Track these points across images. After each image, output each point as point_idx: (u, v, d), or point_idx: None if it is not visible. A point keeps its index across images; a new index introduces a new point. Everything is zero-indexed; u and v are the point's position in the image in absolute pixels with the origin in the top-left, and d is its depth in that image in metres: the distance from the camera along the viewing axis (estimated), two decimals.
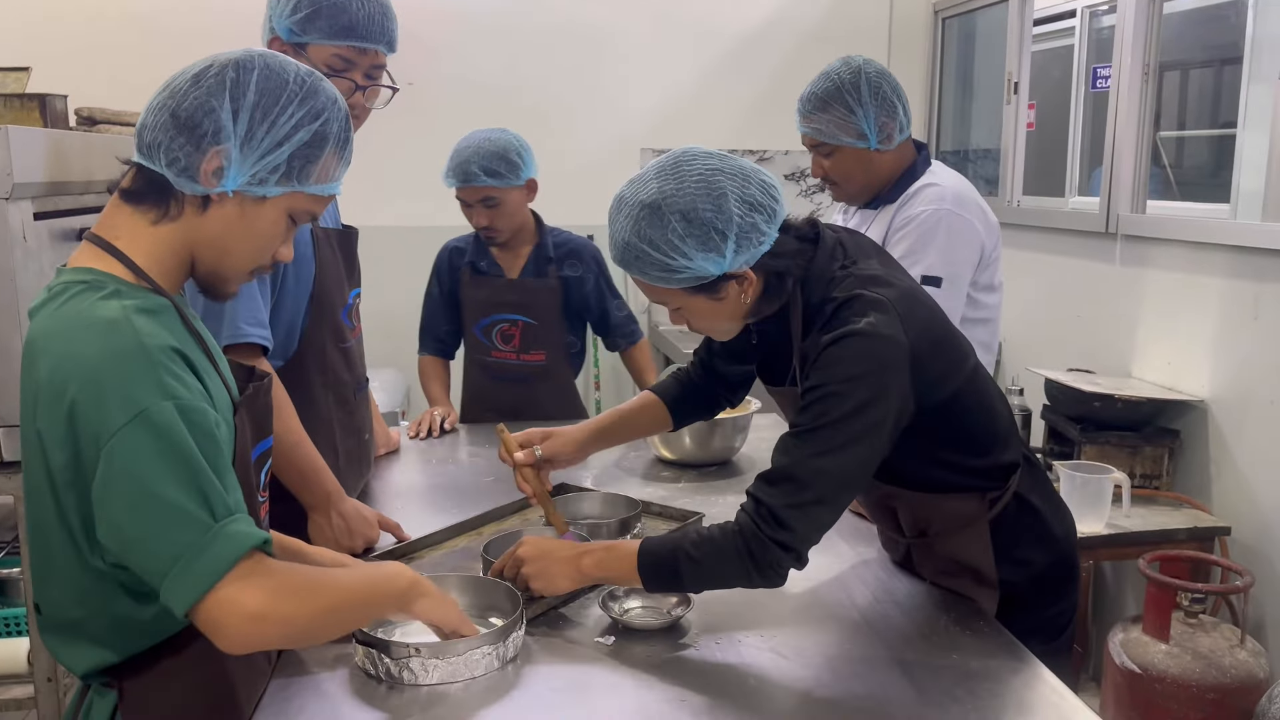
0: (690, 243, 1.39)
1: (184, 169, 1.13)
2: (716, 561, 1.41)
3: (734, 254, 1.41)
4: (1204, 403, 2.88)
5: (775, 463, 1.42)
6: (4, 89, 2.54)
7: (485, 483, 2.21)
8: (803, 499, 1.38)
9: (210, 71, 1.14)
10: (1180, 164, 3.97)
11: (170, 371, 1.08)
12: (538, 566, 1.51)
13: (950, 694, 1.33)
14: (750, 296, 1.47)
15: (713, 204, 1.39)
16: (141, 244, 1.16)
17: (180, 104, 1.13)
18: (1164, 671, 2.42)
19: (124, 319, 1.09)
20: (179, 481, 1.05)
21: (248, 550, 1.08)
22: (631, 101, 4.36)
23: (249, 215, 1.17)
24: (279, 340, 1.77)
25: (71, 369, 1.06)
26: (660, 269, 1.42)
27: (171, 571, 1.05)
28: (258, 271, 1.24)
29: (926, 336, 1.45)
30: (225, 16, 3.87)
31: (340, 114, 1.20)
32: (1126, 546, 2.72)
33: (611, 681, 1.37)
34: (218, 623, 1.07)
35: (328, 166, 1.20)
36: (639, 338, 2.89)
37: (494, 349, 2.73)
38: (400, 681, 1.33)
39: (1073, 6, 3.97)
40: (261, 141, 1.14)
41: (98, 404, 1.05)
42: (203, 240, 1.18)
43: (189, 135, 1.12)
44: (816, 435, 1.39)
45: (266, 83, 1.14)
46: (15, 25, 3.76)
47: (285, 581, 1.11)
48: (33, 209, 1.83)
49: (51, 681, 1.83)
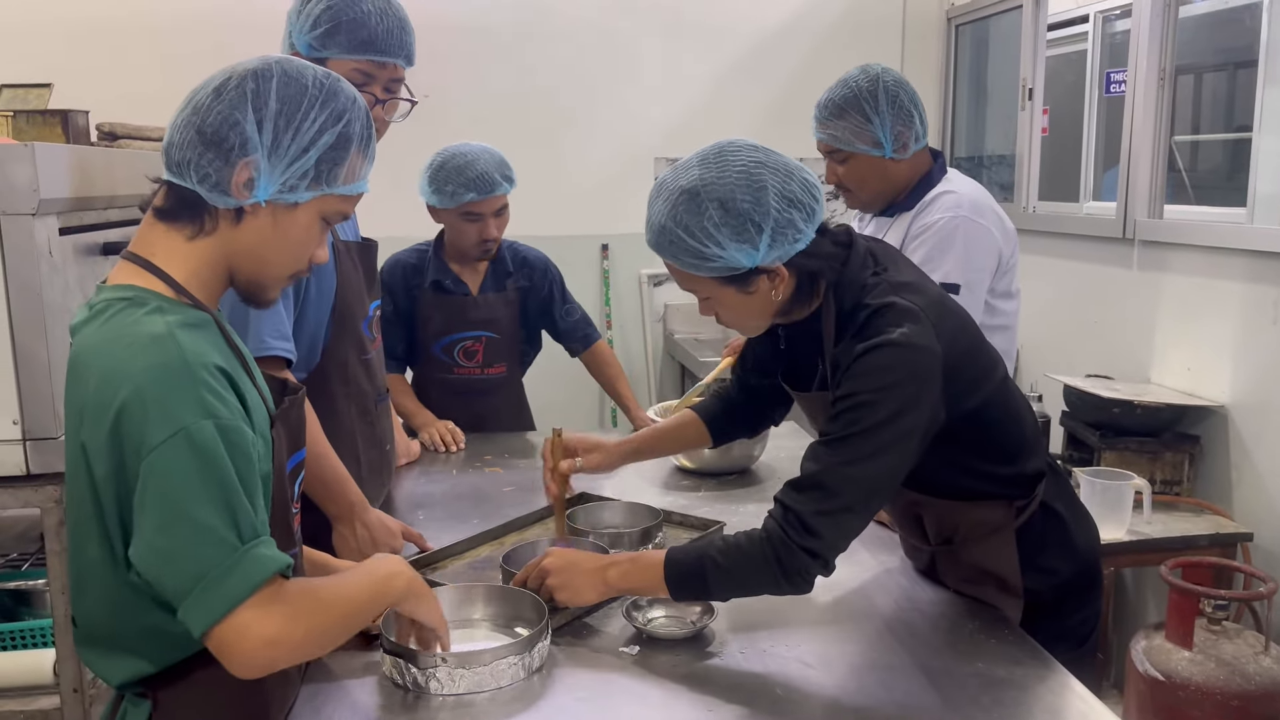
0: (725, 232, 1.39)
1: (215, 184, 1.14)
2: (744, 569, 1.41)
3: (768, 248, 1.41)
4: (1224, 408, 2.87)
5: (805, 470, 1.42)
6: (26, 105, 2.56)
7: (505, 492, 2.21)
8: (832, 506, 1.38)
9: (230, 84, 1.15)
10: (1195, 168, 3.96)
11: (212, 389, 1.09)
12: (563, 579, 1.51)
13: (976, 702, 1.33)
14: (781, 294, 1.47)
15: (752, 195, 1.39)
16: (179, 260, 1.18)
17: (205, 120, 1.14)
18: (1187, 679, 2.41)
19: (168, 335, 1.10)
20: (212, 501, 1.06)
21: (271, 576, 1.09)
22: (644, 111, 4.37)
23: (283, 222, 1.18)
24: (302, 353, 1.79)
25: (118, 383, 1.08)
26: (693, 255, 1.42)
27: (194, 590, 1.06)
28: (295, 276, 1.26)
29: (958, 345, 1.46)
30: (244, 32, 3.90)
31: (361, 113, 1.21)
32: (1148, 553, 2.71)
33: (637, 691, 1.37)
34: (231, 646, 1.08)
35: (354, 166, 1.21)
36: (595, 339, 2.86)
37: (456, 366, 2.70)
38: (427, 691, 1.34)
39: (1085, 11, 3.96)
40: (288, 149, 1.15)
41: (141, 418, 1.06)
42: (240, 251, 1.19)
43: (217, 150, 1.13)
44: (847, 443, 1.39)
45: (286, 89, 1.15)
46: (36, 42, 3.80)
47: (300, 607, 1.13)
48: (58, 224, 1.84)
49: (77, 693, 1.84)
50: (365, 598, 1.25)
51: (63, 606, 1.81)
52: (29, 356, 1.76)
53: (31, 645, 1.98)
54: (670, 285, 4.45)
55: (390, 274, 2.69)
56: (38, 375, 1.77)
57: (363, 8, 1.74)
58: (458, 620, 1.51)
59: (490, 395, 2.76)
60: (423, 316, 2.68)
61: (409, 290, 2.68)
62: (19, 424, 1.77)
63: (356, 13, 1.74)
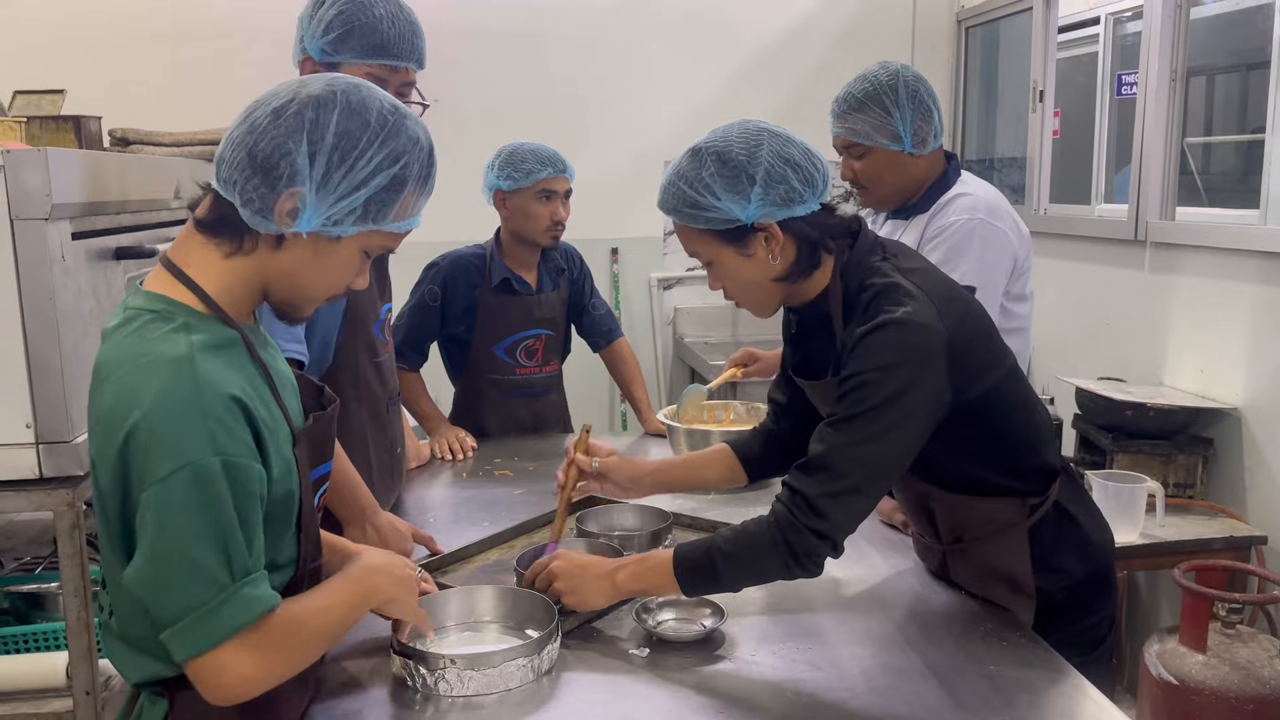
0: (720, 183, 1.45)
1: (259, 209, 1.12)
2: (753, 555, 1.42)
3: (760, 201, 1.44)
4: (1237, 410, 2.85)
5: (811, 451, 1.42)
6: (40, 111, 2.58)
7: (515, 496, 2.21)
8: (839, 487, 1.39)
9: (290, 108, 1.11)
10: (1207, 170, 3.94)
11: (222, 423, 1.08)
12: (570, 583, 1.51)
13: (989, 704, 1.33)
14: (779, 258, 1.49)
15: (746, 150, 1.45)
16: (213, 275, 1.16)
17: (258, 143, 1.11)
18: (1202, 683, 2.39)
19: (188, 359, 1.09)
20: (207, 538, 1.06)
21: (255, 619, 1.10)
22: (654, 114, 4.37)
23: (323, 253, 1.16)
24: (314, 355, 1.79)
25: (130, 404, 1.07)
26: (689, 205, 1.47)
27: (178, 623, 1.07)
28: (331, 299, 1.24)
29: (965, 328, 1.46)
30: (256, 37, 3.92)
31: (422, 154, 1.18)
32: (1161, 556, 2.69)
33: (647, 694, 1.37)
34: (206, 681, 1.10)
35: (406, 205, 1.18)
36: (618, 335, 2.88)
37: (519, 366, 2.70)
38: (436, 692, 1.34)
39: (1096, 13, 3.95)
40: (338, 186, 1.12)
41: (148, 446, 1.06)
42: (277, 274, 1.18)
43: (264, 176, 1.11)
44: (853, 424, 1.39)
45: (347, 123, 1.12)
46: (49, 48, 3.82)
47: (279, 643, 1.13)
48: (70, 229, 1.85)
49: (90, 695, 1.85)
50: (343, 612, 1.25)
51: (75, 609, 1.82)
52: (42, 361, 1.77)
53: (44, 648, 1.99)
54: (680, 288, 4.45)
55: (454, 268, 2.65)
56: (50, 379, 1.78)
57: (374, 12, 1.75)
58: (468, 622, 1.51)
59: (551, 393, 2.79)
60: (483, 319, 2.65)
61: (469, 289, 2.65)
62: (31, 427, 1.78)
63: (368, 18, 1.74)
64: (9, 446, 1.78)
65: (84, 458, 1.82)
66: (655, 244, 4.43)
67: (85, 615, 1.82)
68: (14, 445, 1.78)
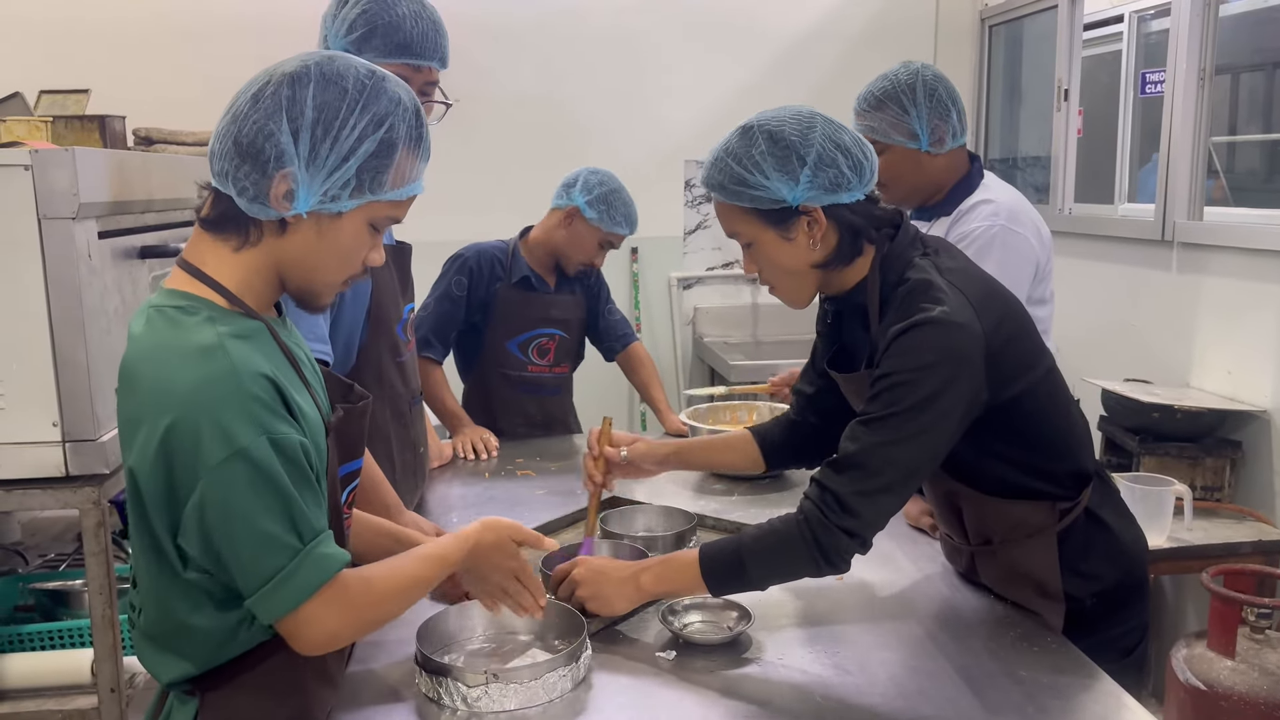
0: (770, 161, 1.44)
1: (254, 197, 1.12)
2: (782, 552, 1.42)
3: (808, 183, 1.44)
4: (1266, 413, 2.81)
5: (843, 450, 1.41)
6: (65, 111, 2.59)
7: (538, 495, 2.21)
8: (870, 486, 1.38)
9: (267, 90, 1.11)
10: (1233, 169, 3.90)
11: (262, 402, 1.09)
12: (592, 589, 1.50)
13: (1020, 711, 1.31)
14: (820, 246, 1.48)
15: (799, 131, 1.45)
16: (228, 270, 1.16)
17: (241, 129, 1.11)
18: (1230, 688, 2.36)
19: (219, 346, 1.10)
20: (272, 512, 1.09)
21: (332, 575, 1.14)
22: (673, 114, 4.36)
23: (328, 232, 1.15)
24: (338, 355, 1.79)
25: (167, 395, 1.08)
26: (737, 182, 1.46)
27: (262, 590, 1.11)
28: (350, 281, 1.23)
29: (1003, 329, 1.45)
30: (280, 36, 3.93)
31: (407, 114, 1.15)
32: (1189, 560, 2.66)
33: (674, 698, 1.36)
34: (297, 635, 1.15)
35: (402, 170, 1.16)
36: (633, 340, 2.89)
37: (530, 364, 2.72)
38: (477, 709, 1.31)
39: (1120, 11, 3.91)
40: (327, 159, 1.11)
41: (194, 435, 1.06)
42: (287, 261, 1.17)
43: (253, 162, 1.10)
44: (887, 423, 1.38)
45: (324, 95, 1.11)
46: (75, 48, 3.84)
47: (360, 601, 1.18)
48: (97, 228, 1.86)
49: (115, 692, 1.85)
50: (422, 581, 1.29)
51: (100, 607, 1.83)
52: (69, 359, 1.78)
53: (69, 645, 2.00)
54: (700, 288, 4.44)
55: (479, 259, 2.68)
56: (77, 377, 1.78)
57: (398, 11, 1.75)
58: (489, 635, 1.50)
59: (560, 394, 2.81)
60: (500, 312, 2.68)
61: (491, 281, 2.67)
62: (59, 426, 1.79)
63: (392, 16, 1.74)
64: (36, 444, 1.79)
65: (110, 456, 1.83)
66: (675, 243, 4.41)
67: (110, 612, 1.83)
68: (41, 443, 1.79)
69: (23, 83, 2.57)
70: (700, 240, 4.43)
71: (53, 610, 2.11)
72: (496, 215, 2.79)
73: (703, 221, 4.41)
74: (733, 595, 1.54)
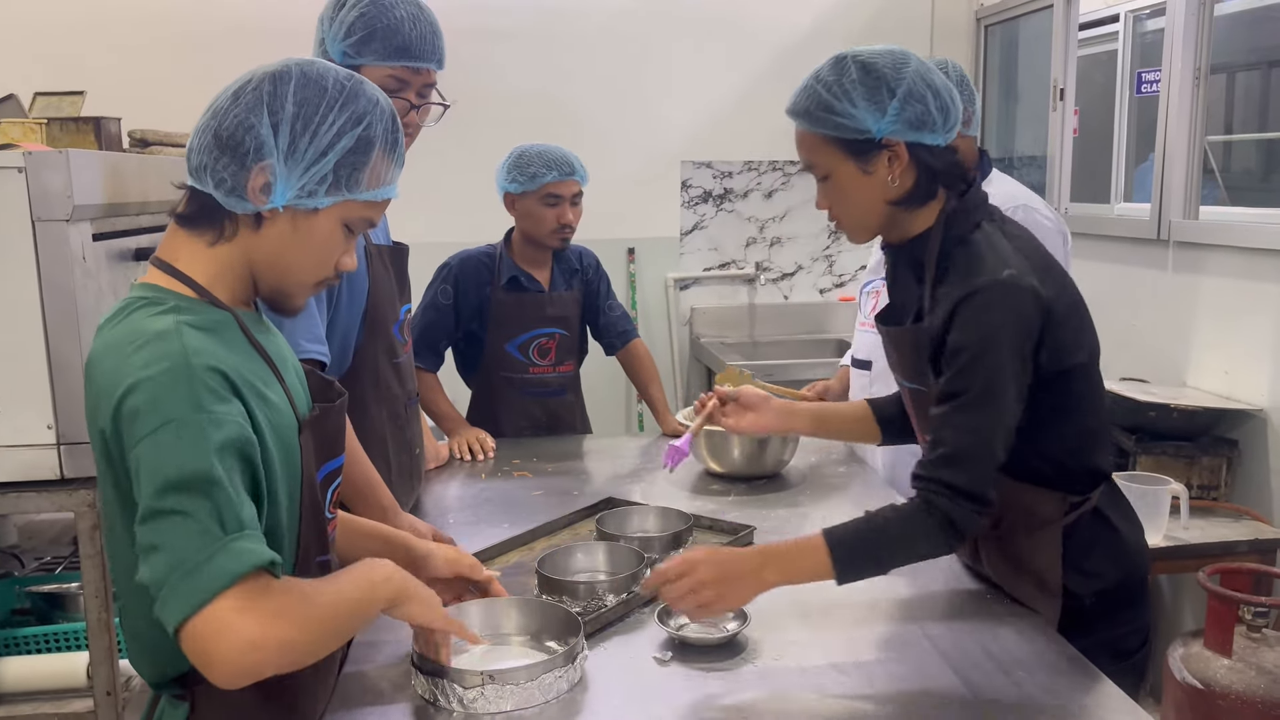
0: (860, 91, 1.45)
1: (232, 189, 1.13)
2: (914, 534, 1.45)
3: (894, 116, 1.45)
4: (1263, 412, 2.82)
5: (945, 439, 1.44)
6: (60, 112, 2.59)
7: (535, 497, 2.20)
8: (987, 470, 1.44)
9: (248, 87, 1.13)
10: (1228, 169, 3.90)
11: (208, 388, 1.07)
12: (721, 589, 1.43)
13: (1018, 711, 1.31)
14: (898, 183, 1.49)
15: (892, 65, 1.47)
16: (201, 264, 1.17)
17: (221, 124, 1.13)
18: (1227, 687, 2.36)
19: (174, 331, 1.09)
20: (193, 492, 1.02)
21: (251, 568, 1.02)
22: (671, 114, 4.36)
23: (302, 229, 1.17)
24: (334, 355, 1.79)
25: (120, 378, 1.07)
26: (823, 108, 1.47)
27: (169, 580, 1.00)
28: (322, 284, 1.24)
29: (1063, 298, 1.49)
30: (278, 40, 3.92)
31: (384, 115, 1.18)
32: (1185, 559, 2.66)
33: (672, 698, 1.35)
34: (208, 644, 1.00)
35: (377, 171, 1.18)
36: (634, 337, 2.87)
37: (531, 365, 2.70)
38: (472, 710, 1.30)
39: (1116, 11, 3.92)
40: (305, 153, 1.13)
41: (134, 411, 1.05)
42: (261, 258, 1.18)
43: (232, 154, 1.12)
44: (980, 404, 1.43)
45: (304, 91, 1.13)
46: (70, 49, 3.83)
47: (286, 606, 1.05)
48: (91, 230, 1.86)
49: (111, 695, 1.85)
50: (355, 599, 1.17)
51: (96, 610, 1.82)
52: (63, 361, 1.78)
53: (65, 648, 1.99)
54: (697, 288, 4.43)
55: (463, 266, 2.67)
56: (72, 380, 1.78)
57: (395, 14, 1.75)
58: (485, 636, 1.48)
59: (565, 394, 2.78)
60: (495, 316, 2.66)
61: (480, 287, 2.66)
62: (53, 428, 1.79)
63: (390, 20, 1.74)
64: (31, 447, 1.79)
65: None
66: (672, 244, 4.41)
67: (106, 616, 1.83)
68: (36, 446, 1.79)
69: (18, 84, 2.56)
70: (697, 241, 4.43)
71: (48, 613, 2.11)
72: (493, 215, 2.78)
73: (699, 222, 4.42)
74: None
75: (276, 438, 1.16)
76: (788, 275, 4.52)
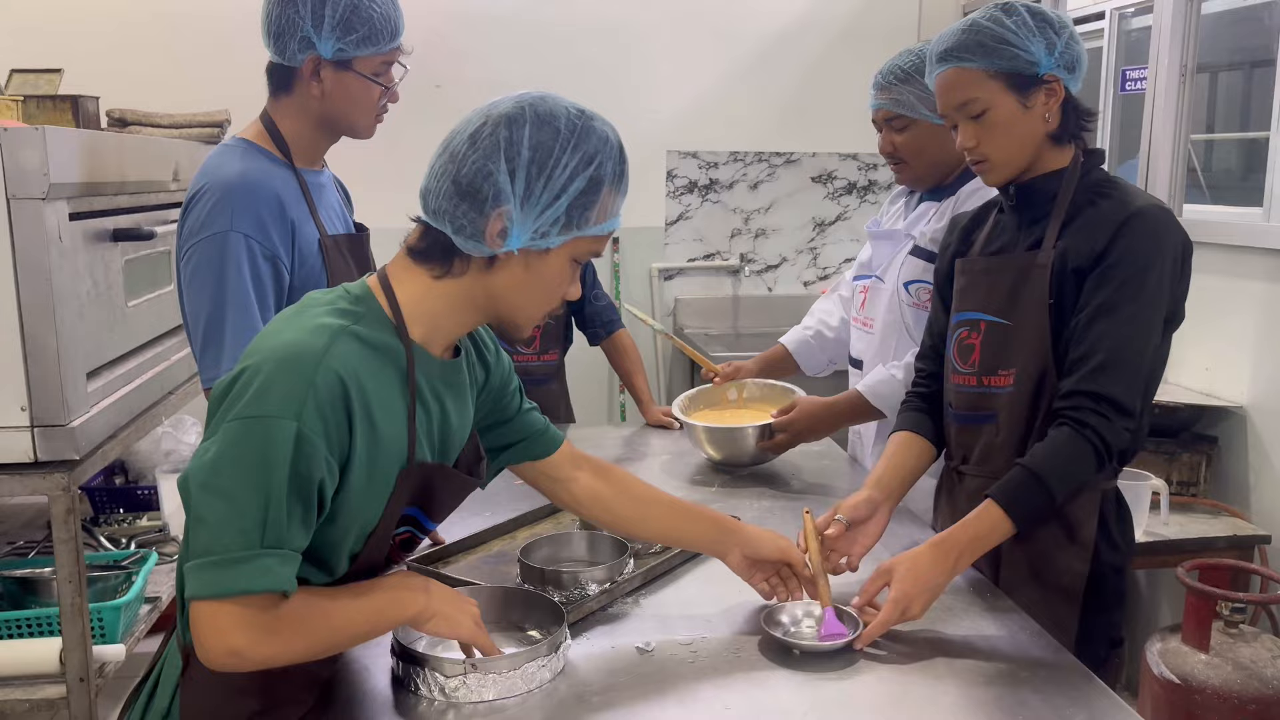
0: (1033, 25, 1.57)
1: (470, 234, 1.17)
2: (1075, 463, 1.49)
3: (1061, 53, 1.57)
4: (1243, 409, 2.84)
5: (1099, 348, 1.50)
6: (37, 90, 2.55)
7: (516, 486, 2.17)
8: (1137, 383, 1.51)
9: (484, 131, 1.16)
10: (1210, 167, 3.93)
11: (319, 397, 1.09)
12: (925, 599, 1.46)
13: (1002, 705, 1.31)
14: (1051, 119, 1.59)
15: (1053, 10, 1.62)
16: (417, 292, 1.21)
17: (460, 169, 1.16)
18: (1204, 682, 2.38)
19: (328, 329, 1.14)
20: (256, 493, 1.07)
21: (263, 591, 1.08)
22: (657, 104, 4.34)
23: (534, 268, 1.20)
24: None
25: (257, 346, 1.14)
26: (997, 41, 1.57)
27: (198, 561, 1.07)
28: (550, 314, 1.27)
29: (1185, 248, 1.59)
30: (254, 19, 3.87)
31: (613, 152, 1.21)
32: (1165, 555, 2.68)
33: (654, 688, 1.35)
34: (199, 634, 1.09)
35: (605, 206, 1.21)
36: (618, 327, 2.86)
37: (516, 353, 2.70)
38: (455, 699, 1.29)
39: (1101, 8, 3.93)
40: (540, 197, 1.16)
41: (247, 386, 1.09)
42: (491, 294, 1.21)
43: (472, 201, 1.15)
44: (1136, 317, 1.50)
45: (539, 135, 1.15)
46: (46, 27, 3.78)
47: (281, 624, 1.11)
48: (68, 209, 1.82)
49: (84, 682, 1.82)
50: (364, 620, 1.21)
51: (69, 595, 1.79)
52: (38, 342, 1.74)
53: (38, 633, 1.96)
54: (681, 279, 4.43)
55: None
56: (46, 361, 1.75)
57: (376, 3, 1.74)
58: None
59: (550, 382, 2.79)
60: None
61: None
62: (27, 410, 1.75)
63: (379, 8, 1.74)
64: (4, 430, 1.75)
65: (80, 442, 1.80)
66: (657, 234, 4.40)
67: (80, 601, 1.80)
68: (9, 428, 1.75)
69: None
70: (682, 231, 4.42)
71: (21, 598, 2.08)
72: None
73: (684, 212, 4.40)
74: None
75: (371, 467, 1.17)
76: (772, 267, 4.52)
